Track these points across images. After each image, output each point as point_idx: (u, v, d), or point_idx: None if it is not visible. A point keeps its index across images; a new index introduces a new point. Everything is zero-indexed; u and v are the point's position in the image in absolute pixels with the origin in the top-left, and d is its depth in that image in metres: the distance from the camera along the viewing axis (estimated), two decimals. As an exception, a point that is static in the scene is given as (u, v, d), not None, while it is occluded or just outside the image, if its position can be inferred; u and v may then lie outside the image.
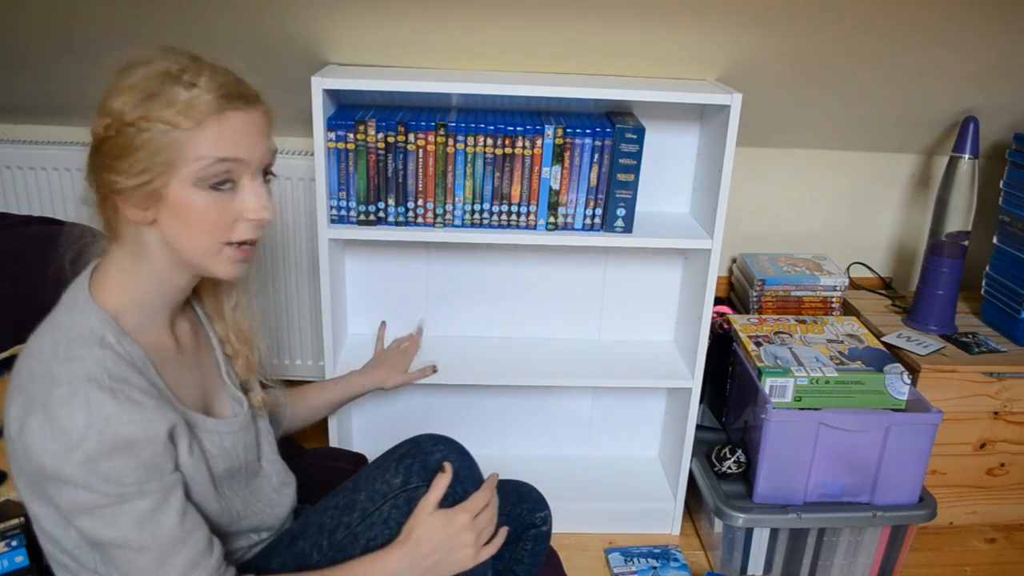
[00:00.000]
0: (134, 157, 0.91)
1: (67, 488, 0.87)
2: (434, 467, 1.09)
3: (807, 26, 1.60)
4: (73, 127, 2.00)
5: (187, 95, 0.90)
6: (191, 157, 0.91)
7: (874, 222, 2.20)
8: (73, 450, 0.85)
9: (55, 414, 0.86)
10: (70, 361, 0.89)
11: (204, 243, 0.96)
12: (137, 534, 0.90)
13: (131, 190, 0.92)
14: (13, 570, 1.25)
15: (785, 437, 1.63)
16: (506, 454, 2.04)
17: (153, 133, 0.90)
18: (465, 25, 1.60)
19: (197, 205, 0.93)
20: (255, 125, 0.96)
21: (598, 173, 1.63)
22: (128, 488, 0.89)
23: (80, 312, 0.95)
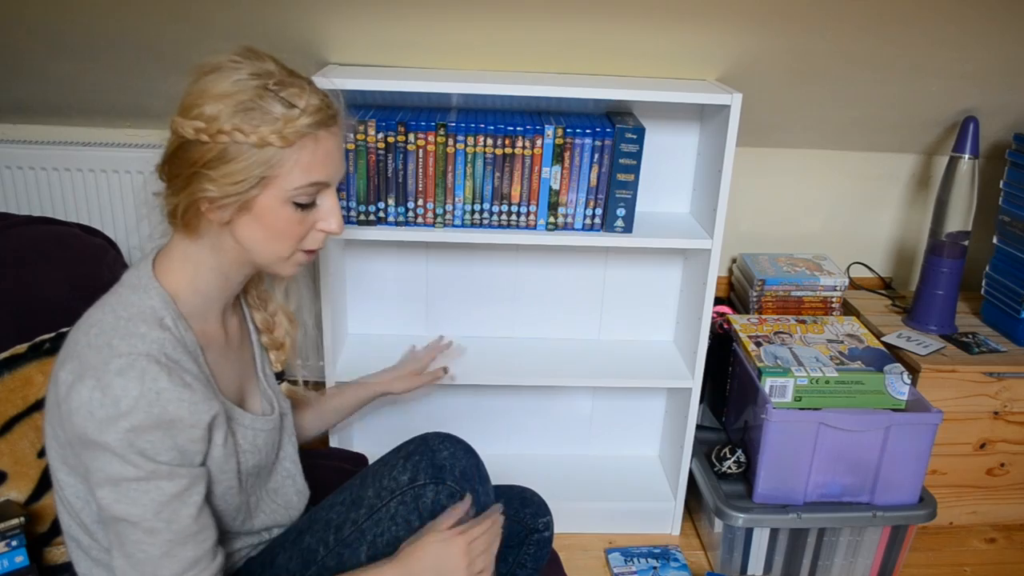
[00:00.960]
0: (228, 168, 0.93)
1: (103, 455, 0.89)
2: (441, 464, 1.09)
3: (807, 26, 1.60)
4: (73, 127, 2.00)
5: (286, 113, 0.93)
6: (284, 175, 0.94)
7: (874, 222, 2.20)
8: (119, 419, 0.88)
9: (109, 382, 0.88)
10: (131, 336, 0.92)
11: (280, 250, 1.00)
12: (153, 516, 0.91)
13: (220, 198, 0.94)
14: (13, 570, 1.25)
15: (785, 437, 1.64)
16: (506, 454, 2.04)
17: (248, 147, 0.92)
18: (465, 25, 1.60)
19: (282, 218, 0.97)
20: (339, 144, 1.00)
21: (598, 173, 1.63)
22: (160, 467, 0.91)
23: (144, 291, 0.98)
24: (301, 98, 0.94)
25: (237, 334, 1.11)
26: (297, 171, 0.95)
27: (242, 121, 0.92)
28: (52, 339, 1.41)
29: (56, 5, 1.55)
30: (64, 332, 1.41)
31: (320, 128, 0.95)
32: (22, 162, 1.93)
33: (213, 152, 0.93)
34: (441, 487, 1.07)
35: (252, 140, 0.92)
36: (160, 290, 0.98)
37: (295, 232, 0.99)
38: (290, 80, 0.96)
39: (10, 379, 1.36)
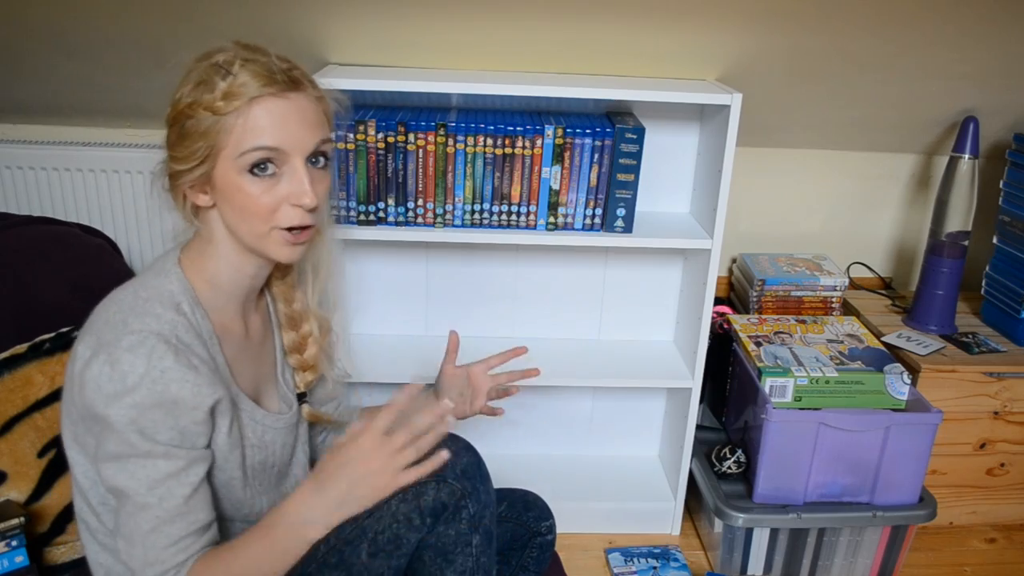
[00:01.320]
0: (184, 143, 0.96)
1: (107, 431, 0.92)
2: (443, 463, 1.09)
3: (807, 26, 1.60)
4: (73, 127, 2.00)
5: (224, 84, 0.94)
6: (231, 142, 0.95)
7: (874, 222, 2.20)
8: (125, 394, 0.90)
9: (118, 358, 0.91)
10: (145, 316, 0.95)
11: (254, 227, 0.99)
12: (146, 491, 0.94)
13: (184, 174, 0.97)
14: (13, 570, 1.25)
15: (785, 437, 1.63)
16: (506, 454, 2.04)
17: (198, 119, 0.95)
18: (465, 25, 1.60)
19: (242, 189, 0.97)
20: (296, 111, 0.98)
21: (598, 173, 1.63)
22: (157, 447, 0.93)
23: (165, 275, 1.01)
24: (237, 66, 0.95)
25: (259, 331, 1.13)
26: (238, 135, 0.95)
27: (194, 97, 0.95)
28: (52, 339, 1.41)
29: (57, 5, 1.55)
30: (64, 332, 1.42)
31: (264, 92, 0.95)
32: (22, 162, 1.93)
33: (175, 132, 0.97)
34: (443, 485, 1.07)
35: (198, 114, 0.95)
36: (181, 276, 1.01)
37: (260, 205, 0.97)
38: (240, 52, 0.97)
39: (10, 379, 1.36)
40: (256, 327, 1.12)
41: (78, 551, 1.38)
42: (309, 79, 1.01)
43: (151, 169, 1.04)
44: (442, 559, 1.08)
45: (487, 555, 1.11)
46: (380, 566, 1.06)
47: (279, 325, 1.18)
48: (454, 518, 1.08)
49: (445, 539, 1.08)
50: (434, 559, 1.08)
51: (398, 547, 1.06)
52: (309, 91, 1.00)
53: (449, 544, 1.08)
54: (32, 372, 1.37)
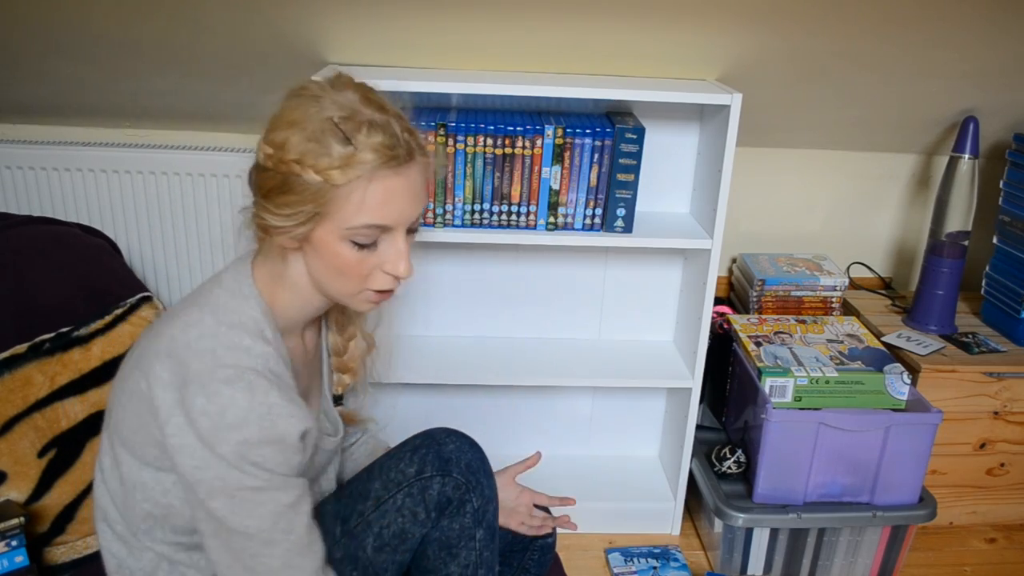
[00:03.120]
0: (286, 198, 0.92)
1: (217, 464, 0.89)
2: (448, 457, 1.10)
3: (807, 26, 1.60)
4: (73, 127, 2.00)
5: (343, 151, 0.90)
6: (340, 214, 0.92)
7: (874, 222, 2.20)
8: (231, 431, 0.88)
9: (216, 391, 0.88)
10: (236, 349, 0.92)
11: (345, 287, 0.98)
12: (271, 527, 0.92)
13: (280, 228, 0.94)
14: (13, 570, 1.25)
15: (785, 437, 1.63)
16: (506, 454, 2.03)
17: (307, 180, 0.90)
18: (465, 25, 1.60)
19: (340, 255, 0.95)
20: (408, 186, 0.96)
21: (598, 173, 1.63)
22: (275, 477, 0.91)
23: (244, 298, 0.97)
24: (361, 134, 0.91)
25: (313, 351, 1.13)
26: (350, 210, 0.92)
27: (304, 153, 0.90)
28: (52, 339, 1.41)
29: (56, 5, 1.55)
30: (64, 332, 1.42)
31: (381, 168, 0.91)
32: (22, 162, 1.93)
33: (275, 180, 0.93)
34: (447, 479, 1.08)
35: (308, 175, 0.90)
36: (260, 301, 0.98)
37: (356, 271, 0.96)
38: (361, 114, 0.92)
39: (10, 379, 1.36)
40: (311, 344, 1.12)
41: (78, 551, 1.38)
42: (419, 142, 0.98)
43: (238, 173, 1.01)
44: (446, 553, 1.09)
45: (490, 549, 1.12)
46: (385, 560, 1.07)
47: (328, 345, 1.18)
48: (458, 512, 1.09)
49: (449, 533, 1.09)
50: (438, 553, 1.09)
51: (403, 541, 1.07)
52: (419, 158, 0.97)
53: (453, 538, 1.09)
54: (32, 372, 1.37)
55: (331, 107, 0.92)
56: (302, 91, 0.95)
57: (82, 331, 1.43)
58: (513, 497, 1.32)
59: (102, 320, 1.46)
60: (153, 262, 2.02)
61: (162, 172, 1.93)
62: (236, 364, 0.90)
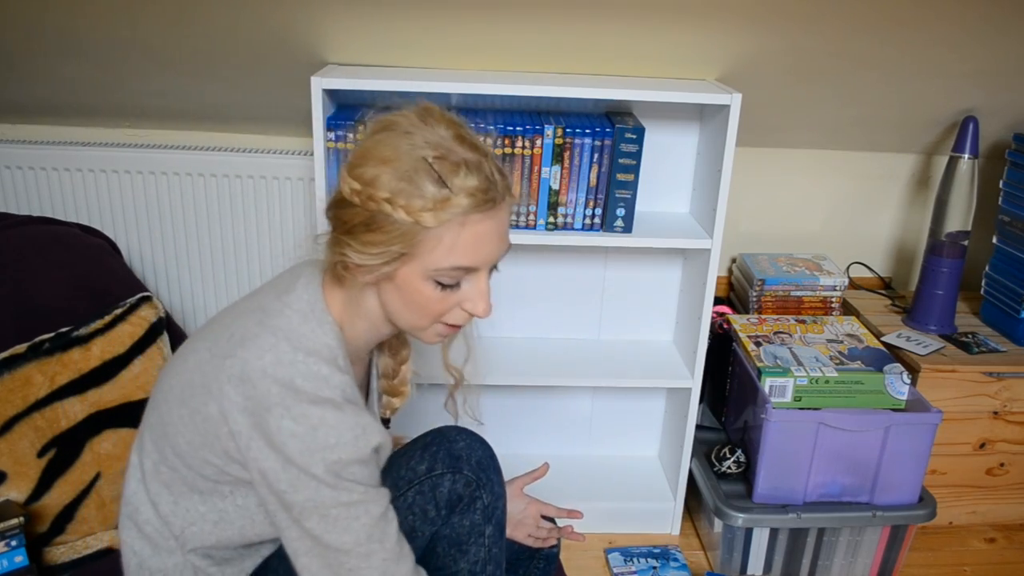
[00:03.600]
0: (372, 236, 0.92)
1: (310, 483, 0.90)
2: (458, 454, 1.10)
3: (807, 26, 1.60)
4: (73, 127, 2.00)
5: (436, 193, 0.89)
6: (429, 256, 0.92)
7: (874, 222, 2.20)
8: (325, 450, 0.90)
9: (305, 412, 0.89)
10: (316, 380, 0.91)
11: (419, 322, 0.99)
12: (367, 539, 0.93)
13: (364, 267, 0.94)
14: (13, 570, 1.25)
15: (785, 437, 1.64)
16: (506, 454, 2.03)
17: (397, 219, 0.90)
18: (464, 25, 1.60)
19: (423, 293, 0.95)
20: (497, 227, 0.95)
21: (598, 173, 1.63)
22: (369, 491, 0.93)
23: (317, 323, 0.96)
24: (457, 177, 0.90)
25: (363, 374, 1.14)
26: (440, 253, 0.91)
27: (394, 192, 0.89)
28: (51, 339, 1.41)
29: (56, 5, 1.55)
30: (63, 332, 1.42)
31: (473, 212, 0.90)
32: (22, 162, 1.93)
33: (361, 217, 0.92)
34: (458, 476, 1.08)
35: (399, 214, 0.89)
36: (335, 327, 0.97)
37: (436, 309, 0.96)
38: (455, 153, 0.91)
39: (10, 379, 1.36)
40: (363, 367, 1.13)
41: (78, 551, 1.38)
42: (507, 183, 0.96)
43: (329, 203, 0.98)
44: (456, 550, 1.09)
45: (499, 546, 1.12)
46: None
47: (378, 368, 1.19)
48: (468, 509, 1.09)
49: (459, 530, 1.09)
50: (448, 550, 1.09)
51: (413, 539, 1.06)
52: (508, 199, 0.96)
53: (463, 535, 1.09)
54: (32, 372, 1.37)
55: (423, 146, 0.91)
56: (392, 125, 0.94)
57: (82, 331, 1.43)
58: (520, 509, 1.32)
59: (102, 320, 1.46)
60: (153, 262, 2.02)
61: (162, 172, 1.93)
62: (316, 392, 0.91)
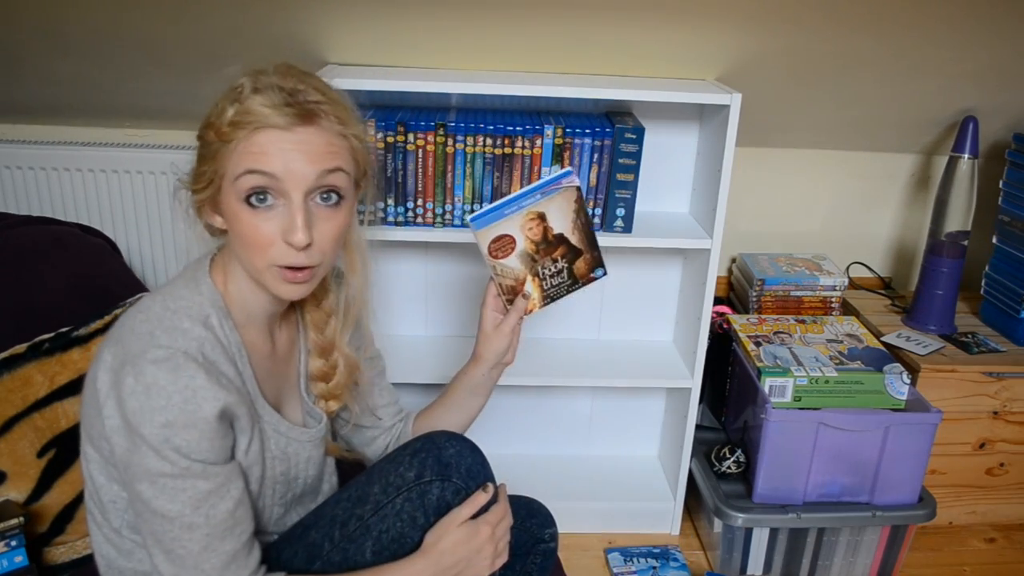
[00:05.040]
0: (200, 167, 0.97)
1: (142, 447, 0.90)
2: (447, 462, 1.09)
3: (806, 26, 1.60)
4: (73, 127, 2.00)
5: (233, 109, 0.93)
6: (230, 167, 0.93)
7: (874, 222, 2.20)
8: (155, 412, 0.89)
9: (143, 370, 0.89)
10: (173, 331, 0.93)
11: (253, 259, 0.96)
12: (191, 512, 0.93)
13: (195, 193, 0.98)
14: (13, 570, 1.25)
15: (785, 437, 1.64)
16: (506, 454, 2.04)
17: (210, 144, 0.95)
18: (464, 25, 1.60)
19: (239, 218, 0.94)
20: (300, 143, 0.94)
21: (598, 173, 1.63)
22: (194, 464, 0.92)
23: (196, 285, 1.00)
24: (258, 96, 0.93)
25: (285, 348, 1.13)
26: (236, 160, 0.93)
27: (205, 123, 0.95)
28: (51, 339, 1.41)
29: (56, 5, 1.55)
30: (63, 332, 1.42)
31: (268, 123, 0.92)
32: (22, 162, 1.93)
33: (197, 155, 0.98)
34: (447, 484, 1.07)
35: (210, 136, 0.94)
36: (212, 288, 1.00)
37: (253, 238, 0.94)
38: (262, 80, 0.94)
39: (9, 379, 1.35)
40: (283, 343, 1.12)
41: (78, 551, 1.38)
42: (336, 115, 0.97)
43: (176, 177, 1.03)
44: None
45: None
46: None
47: (307, 350, 1.17)
48: None
49: None
50: None
51: (402, 546, 1.06)
52: (325, 126, 0.96)
53: None
54: (31, 372, 1.37)
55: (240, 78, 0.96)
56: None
57: (82, 331, 1.43)
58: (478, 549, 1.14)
59: (102, 320, 1.46)
60: (153, 262, 2.02)
61: (162, 172, 1.93)
62: (169, 345, 0.91)
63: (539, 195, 1.20)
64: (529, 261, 1.24)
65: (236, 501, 0.97)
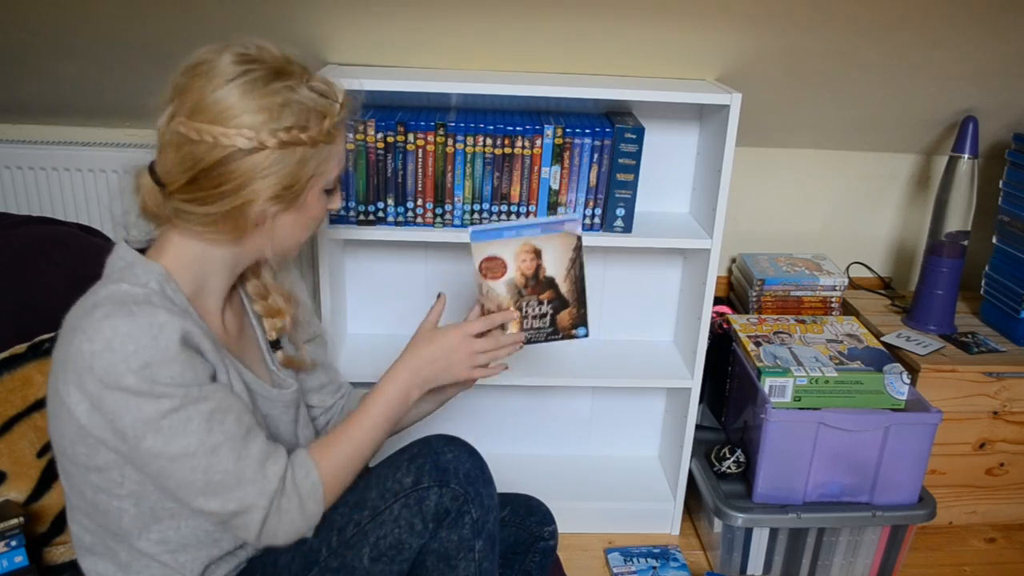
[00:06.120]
0: (297, 171, 1.01)
1: (130, 400, 0.89)
2: (445, 467, 1.09)
3: (806, 26, 1.60)
4: (73, 127, 2.00)
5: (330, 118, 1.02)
6: (328, 165, 1.02)
7: (874, 222, 2.21)
8: (128, 359, 0.88)
9: (98, 328, 0.89)
10: (121, 293, 0.93)
11: (304, 237, 1.08)
12: (207, 435, 0.93)
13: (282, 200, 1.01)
14: (13, 570, 1.25)
15: (785, 437, 1.64)
16: (506, 454, 2.04)
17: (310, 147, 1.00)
18: (465, 25, 1.60)
19: (319, 207, 1.05)
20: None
21: (597, 173, 1.63)
22: (189, 390, 0.92)
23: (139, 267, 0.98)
24: (333, 91, 1.02)
25: (236, 326, 1.13)
26: (334, 162, 1.02)
27: (292, 123, 0.96)
28: (52, 339, 1.40)
29: (56, 6, 1.55)
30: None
31: (346, 118, 1.03)
32: (22, 162, 1.93)
33: (286, 162, 0.97)
34: (445, 490, 1.07)
35: (302, 141, 0.97)
36: (155, 266, 0.99)
37: (322, 216, 1.06)
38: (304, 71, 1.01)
39: (9, 379, 1.36)
40: (232, 322, 1.12)
41: (78, 551, 1.38)
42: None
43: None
44: (444, 565, 1.08)
45: (490, 560, 1.11)
46: (382, 571, 1.06)
47: (251, 302, 1.18)
48: (457, 523, 1.07)
49: (448, 544, 1.08)
50: (436, 564, 1.08)
51: (400, 552, 1.06)
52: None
53: (452, 550, 1.08)
54: (31, 372, 1.37)
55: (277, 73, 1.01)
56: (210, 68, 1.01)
57: (82, 331, 1.43)
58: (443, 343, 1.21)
59: (102, 320, 1.46)
60: (153, 262, 2.02)
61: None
62: (109, 299, 0.92)
63: (539, 229, 1.22)
64: (516, 293, 1.25)
65: (239, 410, 0.97)
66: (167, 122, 0.97)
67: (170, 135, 0.96)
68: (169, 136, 0.97)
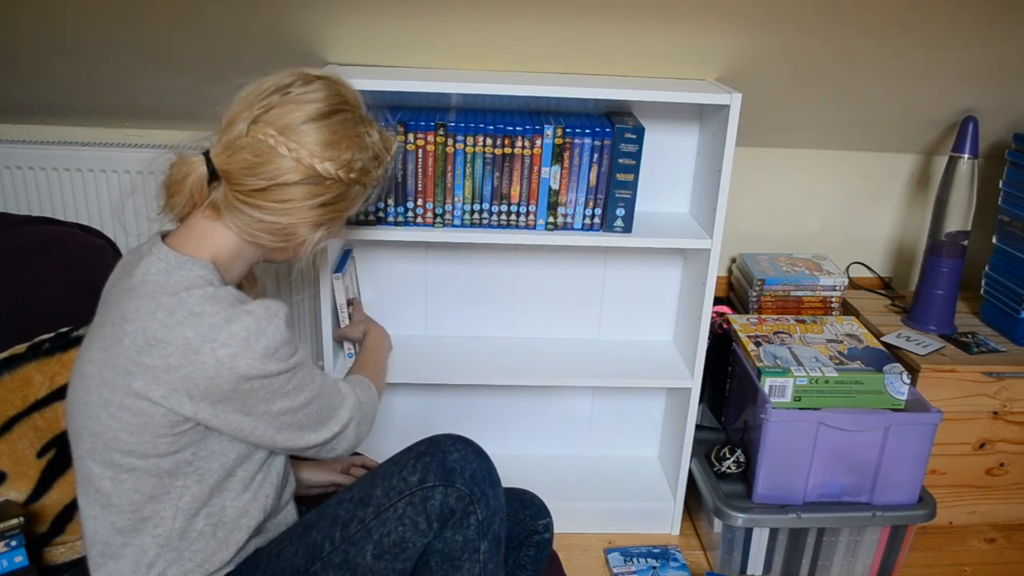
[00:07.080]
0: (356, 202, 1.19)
1: (270, 381, 1.01)
2: (451, 467, 1.09)
3: (806, 26, 1.60)
4: (73, 127, 2.00)
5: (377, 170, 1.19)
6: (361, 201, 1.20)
7: (874, 222, 2.21)
8: (267, 348, 0.99)
9: (230, 332, 0.97)
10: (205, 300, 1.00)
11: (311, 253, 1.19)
12: (321, 377, 1.10)
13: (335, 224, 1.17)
14: (13, 570, 1.25)
15: (785, 437, 1.64)
16: (506, 454, 2.04)
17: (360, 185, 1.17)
18: (465, 25, 1.60)
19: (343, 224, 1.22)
20: None
21: (597, 173, 1.63)
22: (297, 352, 1.05)
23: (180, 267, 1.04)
24: (389, 141, 1.21)
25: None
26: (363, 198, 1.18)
27: (364, 164, 1.13)
28: (51, 339, 1.41)
29: (56, 5, 1.55)
30: (63, 332, 1.42)
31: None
32: (22, 162, 1.93)
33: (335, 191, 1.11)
34: (450, 489, 1.07)
35: (359, 181, 1.13)
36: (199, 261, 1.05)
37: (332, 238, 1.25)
38: (370, 114, 1.20)
39: (9, 379, 1.36)
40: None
41: (78, 551, 1.38)
42: None
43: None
44: (449, 565, 1.08)
45: (495, 561, 1.11)
46: (385, 568, 1.06)
47: None
48: (462, 524, 1.07)
49: (452, 545, 1.08)
50: (440, 564, 1.08)
51: (403, 550, 1.06)
52: None
53: (456, 550, 1.08)
54: (31, 372, 1.37)
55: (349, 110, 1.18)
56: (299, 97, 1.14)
57: (82, 331, 1.43)
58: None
59: (102, 320, 1.46)
60: (153, 262, 2.02)
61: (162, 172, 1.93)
62: (208, 302, 0.99)
63: None
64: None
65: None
66: (248, 127, 1.05)
67: (251, 140, 1.05)
68: (249, 141, 1.05)
